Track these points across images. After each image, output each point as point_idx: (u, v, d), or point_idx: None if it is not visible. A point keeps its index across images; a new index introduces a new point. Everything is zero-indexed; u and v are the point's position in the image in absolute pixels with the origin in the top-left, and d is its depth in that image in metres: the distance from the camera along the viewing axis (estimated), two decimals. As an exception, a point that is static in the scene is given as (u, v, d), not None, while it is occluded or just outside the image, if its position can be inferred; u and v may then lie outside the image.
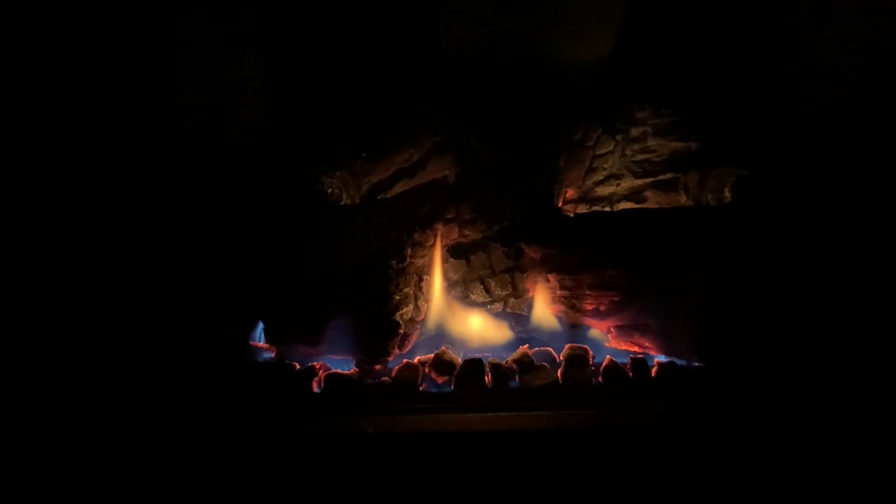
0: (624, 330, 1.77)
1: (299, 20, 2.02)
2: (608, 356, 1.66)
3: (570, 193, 2.13)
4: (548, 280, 1.80)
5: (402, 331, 1.70)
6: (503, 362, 1.65)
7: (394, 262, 1.70)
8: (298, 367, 1.66)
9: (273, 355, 1.76)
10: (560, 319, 1.85)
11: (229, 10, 1.88)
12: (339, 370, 1.67)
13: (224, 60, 1.88)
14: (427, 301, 1.85)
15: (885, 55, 1.78)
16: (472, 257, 1.92)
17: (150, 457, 1.46)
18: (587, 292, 1.74)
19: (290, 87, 2.04)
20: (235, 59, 1.92)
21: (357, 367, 1.70)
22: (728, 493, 1.45)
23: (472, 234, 1.92)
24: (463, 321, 1.90)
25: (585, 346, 1.68)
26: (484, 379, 1.61)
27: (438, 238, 1.85)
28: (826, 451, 1.45)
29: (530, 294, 1.89)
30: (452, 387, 1.61)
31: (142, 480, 1.45)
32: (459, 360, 1.66)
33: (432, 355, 1.68)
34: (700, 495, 1.46)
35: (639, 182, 2.12)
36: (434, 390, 1.63)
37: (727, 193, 1.92)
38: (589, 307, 1.76)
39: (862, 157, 1.79)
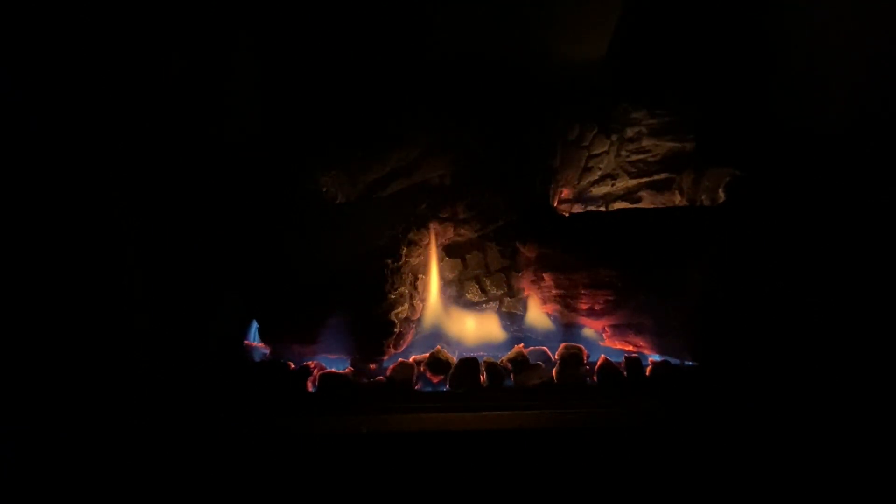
0: (618, 329, 1.78)
1: (294, 19, 2.01)
2: (603, 355, 1.66)
3: (566, 193, 2.13)
4: (543, 279, 1.80)
5: (397, 330, 1.70)
6: (498, 361, 1.66)
7: (389, 261, 1.70)
8: (293, 366, 1.65)
9: (267, 354, 1.76)
10: (555, 319, 1.85)
11: (224, 9, 1.87)
12: (333, 369, 1.67)
13: (219, 59, 1.88)
14: (422, 300, 1.85)
15: (877, 57, 1.79)
16: (468, 256, 1.92)
17: (144, 456, 1.45)
18: (582, 291, 1.74)
19: (284, 86, 2.03)
20: (230, 58, 1.91)
21: (352, 366, 1.70)
22: (721, 491, 1.46)
23: (467, 234, 1.92)
24: (458, 320, 1.90)
25: (580, 345, 1.69)
26: (479, 378, 1.61)
27: (434, 237, 1.85)
28: (819, 449, 1.46)
29: (525, 293, 1.89)
30: (447, 386, 1.61)
31: (137, 479, 1.44)
32: (454, 360, 1.66)
33: (427, 354, 1.68)
34: (694, 494, 1.46)
35: (634, 182, 2.13)
36: (429, 389, 1.63)
37: (721, 194, 1.93)
38: (584, 306, 1.76)
39: (855, 158, 1.80)
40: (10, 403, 1.48)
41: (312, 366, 1.66)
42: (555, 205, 2.03)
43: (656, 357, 1.73)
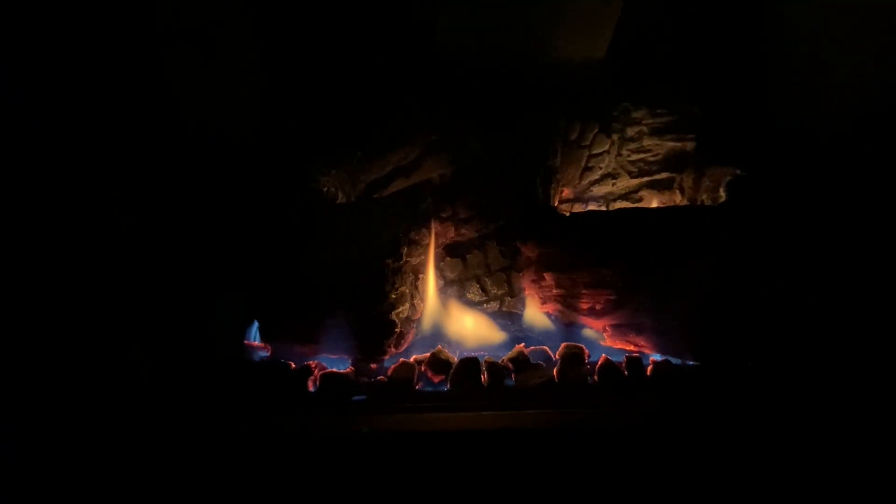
0: (619, 329, 1.77)
1: (295, 18, 2.01)
2: (603, 355, 1.66)
3: (566, 192, 2.13)
4: (543, 279, 1.80)
5: (397, 330, 1.70)
6: (499, 361, 1.65)
7: (390, 261, 1.70)
8: (294, 366, 1.65)
9: (268, 354, 1.76)
10: (555, 318, 1.85)
11: (224, 7, 1.87)
12: (334, 369, 1.67)
13: (219, 58, 1.87)
14: (423, 300, 1.85)
15: (878, 56, 1.79)
16: (469, 256, 1.92)
17: (145, 456, 1.45)
18: (583, 291, 1.74)
19: (285, 86, 2.03)
20: (231, 57, 1.91)
21: (353, 365, 1.70)
22: (721, 491, 1.46)
23: (468, 233, 1.92)
24: (459, 320, 1.90)
25: (581, 344, 1.68)
26: (480, 378, 1.61)
27: (434, 237, 1.85)
28: (819, 449, 1.46)
29: (526, 293, 1.89)
30: (448, 386, 1.61)
31: (137, 479, 1.44)
32: (455, 359, 1.66)
33: (428, 354, 1.68)
34: (694, 494, 1.46)
35: (634, 181, 2.13)
36: (430, 389, 1.63)
37: (722, 193, 1.93)
38: (584, 306, 1.76)
39: (855, 158, 1.80)
40: (10, 403, 1.48)
41: (313, 366, 1.66)
42: (555, 204, 2.03)
43: (657, 357, 1.73)
